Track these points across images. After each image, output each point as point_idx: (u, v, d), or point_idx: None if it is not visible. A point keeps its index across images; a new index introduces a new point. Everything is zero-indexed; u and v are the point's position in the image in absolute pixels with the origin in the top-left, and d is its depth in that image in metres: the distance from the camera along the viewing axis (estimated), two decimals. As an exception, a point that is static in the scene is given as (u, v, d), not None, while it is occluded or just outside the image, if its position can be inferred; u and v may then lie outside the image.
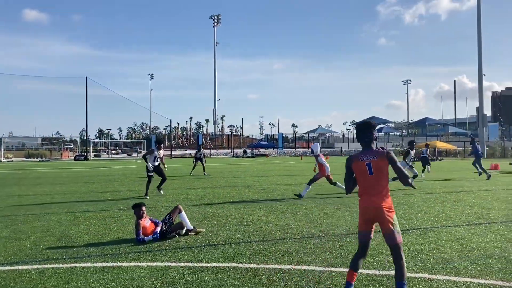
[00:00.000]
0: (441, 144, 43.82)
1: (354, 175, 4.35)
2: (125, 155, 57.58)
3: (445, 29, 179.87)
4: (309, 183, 12.98)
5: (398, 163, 4.17)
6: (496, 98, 57.89)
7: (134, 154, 54.88)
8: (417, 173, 16.45)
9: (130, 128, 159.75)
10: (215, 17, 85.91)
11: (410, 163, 16.04)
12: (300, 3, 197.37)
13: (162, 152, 13.75)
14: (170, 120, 58.36)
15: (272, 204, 11.35)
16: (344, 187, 4.62)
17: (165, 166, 14.22)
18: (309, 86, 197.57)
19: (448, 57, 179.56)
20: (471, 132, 64.61)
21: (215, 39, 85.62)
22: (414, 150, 16.20)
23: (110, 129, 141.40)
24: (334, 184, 13.18)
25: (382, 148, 4.64)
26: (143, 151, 54.02)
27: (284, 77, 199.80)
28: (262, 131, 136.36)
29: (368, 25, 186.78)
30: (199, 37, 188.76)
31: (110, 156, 57.42)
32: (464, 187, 15.55)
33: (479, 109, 50.81)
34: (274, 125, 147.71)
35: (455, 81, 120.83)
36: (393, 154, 4.19)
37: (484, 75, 50.88)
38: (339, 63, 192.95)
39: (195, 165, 23.57)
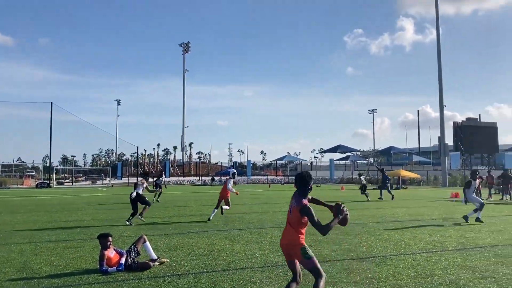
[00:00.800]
0: (405, 173, 45.02)
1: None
2: (89, 182, 56.45)
3: (409, 60, 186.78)
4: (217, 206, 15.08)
5: (314, 218, 4.66)
6: (457, 128, 59.90)
7: (99, 182, 53.87)
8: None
9: (95, 154, 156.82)
10: (185, 44, 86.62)
11: (473, 194, 14.33)
12: (270, 32, 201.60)
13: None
14: (137, 147, 58.10)
15: (238, 233, 11.45)
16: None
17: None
18: (279, 113, 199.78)
19: (413, 87, 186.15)
20: (376, 163, 67.22)
21: (184, 66, 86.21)
22: (478, 180, 15.01)
23: (74, 156, 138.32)
24: (217, 207, 15.11)
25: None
26: (108, 179, 53.13)
27: (254, 104, 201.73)
28: (231, 158, 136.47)
29: (336, 54, 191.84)
30: (169, 64, 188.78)
31: (74, 183, 56.12)
32: (424, 215, 16.07)
33: (441, 139, 52.63)
34: (243, 152, 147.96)
35: (418, 111, 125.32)
36: (306, 210, 4.66)
37: (445, 106, 52.85)
38: (308, 91, 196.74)
39: (156, 192, 22.53)
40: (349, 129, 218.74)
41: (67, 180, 58.98)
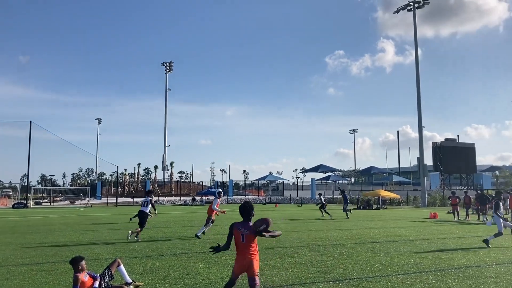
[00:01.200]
0: (385, 193, 45.38)
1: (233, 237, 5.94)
2: (68, 202, 55.36)
3: (390, 81, 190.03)
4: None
5: (270, 233, 5.86)
6: (436, 148, 60.99)
7: (78, 202, 52.88)
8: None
9: (75, 174, 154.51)
10: (167, 64, 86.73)
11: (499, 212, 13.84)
12: (253, 52, 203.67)
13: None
14: (117, 166, 57.47)
15: (216, 255, 11.36)
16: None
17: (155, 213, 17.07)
18: (261, 132, 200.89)
19: (393, 108, 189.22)
20: (339, 185, 68.38)
21: (167, 85, 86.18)
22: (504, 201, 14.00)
23: (53, 175, 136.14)
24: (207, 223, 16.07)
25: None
26: (87, 199, 52.22)
27: (236, 123, 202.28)
28: (213, 178, 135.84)
29: (318, 75, 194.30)
30: (151, 83, 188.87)
31: (52, 203, 54.95)
32: (402, 236, 16.21)
33: (420, 159, 53.41)
34: (225, 172, 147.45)
35: (398, 131, 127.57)
36: (256, 228, 5.77)
37: (424, 127, 53.85)
38: (290, 111, 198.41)
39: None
40: (331, 149, 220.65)
41: (45, 200, 57.75)
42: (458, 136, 75.07)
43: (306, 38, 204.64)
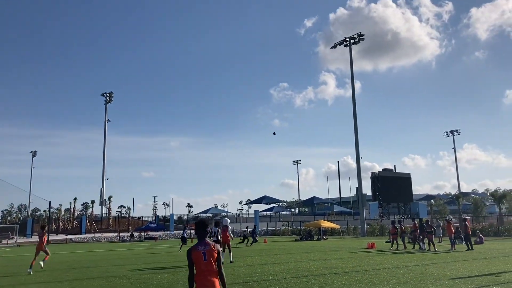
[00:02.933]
0: (325, 224, 45.76)
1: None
2: (-6, 242, 51.22)
3: (331, 113, 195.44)
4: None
5: (220, 255, 5.54)
6: (375, 178, 62.72)
7: (4, 241, 48.96)
8: None
9: (5, 210, 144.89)
10: (107, 94, 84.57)
11: None
12: (197, 83, 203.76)
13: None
14: (49, 202, 54.20)
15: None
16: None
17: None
18: (206, 164, 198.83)
19: (335, 139, 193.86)
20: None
21: (106, 116, 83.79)
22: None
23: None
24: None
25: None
26: (15, 237, 48.55)
27: (181, 155, 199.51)
28: (155, 212, 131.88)
29: (263, 107, 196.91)
30: (90, 113, 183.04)
31: (-25, 243, 50.60)
32: (338, 268, 16.05)
33: (359, 189, 54.69)
34: (168, 205, 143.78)
35: (338, 162, 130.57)
36: (218, 247, 5.54)
37: (361, 157, 55.40)
38: (236, 142, 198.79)
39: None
40: (276, 180, 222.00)
41: (-33, 240, 53.16)
42: (394, 166, 78.10)
43: (251, 70, 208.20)
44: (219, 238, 19.13)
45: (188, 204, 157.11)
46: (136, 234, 52.72)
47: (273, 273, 14.93)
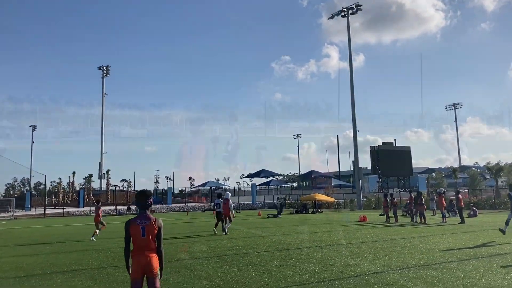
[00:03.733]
0: (320, 197, 45.65)
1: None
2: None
3: (334, 86, 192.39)
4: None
5: (162, 231, 5.20)
6: (374, 152, 62.31)
7: (2, 215, 48.98)
8: None
9: (9, 184, 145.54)
10: (104, 67, 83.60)
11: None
12: (199, 58, 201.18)
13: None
14: (45, 175, 53.93)
15: (102, 271, 10.31)
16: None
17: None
18: (207, 138, 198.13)
19: (338, 113, 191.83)
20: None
21: (104, 90, 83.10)
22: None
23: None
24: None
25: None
26: (12, 210, 48.63)
27: (183, 129, 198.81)
28: (157, 185, 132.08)
29: (264, 81, 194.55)
30: (89, 88, 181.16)
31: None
32: (321, 241, 15.77)
33: (355, 162, 54.44)
34: (170, 179, 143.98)
35: (338, 136, 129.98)
36: (161, 222, 5.20)
37: (358, 130, 54.91)
38: (238, 117, 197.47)
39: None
40: (278, 154, 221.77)
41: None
42: (395, 140, 77.20)
43: (253, 44, 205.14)
44: (221, 209, 19.59)
45: (190, 177, 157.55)
46: (132, 207, 52.79)
47: (254, 246, 14.68)
